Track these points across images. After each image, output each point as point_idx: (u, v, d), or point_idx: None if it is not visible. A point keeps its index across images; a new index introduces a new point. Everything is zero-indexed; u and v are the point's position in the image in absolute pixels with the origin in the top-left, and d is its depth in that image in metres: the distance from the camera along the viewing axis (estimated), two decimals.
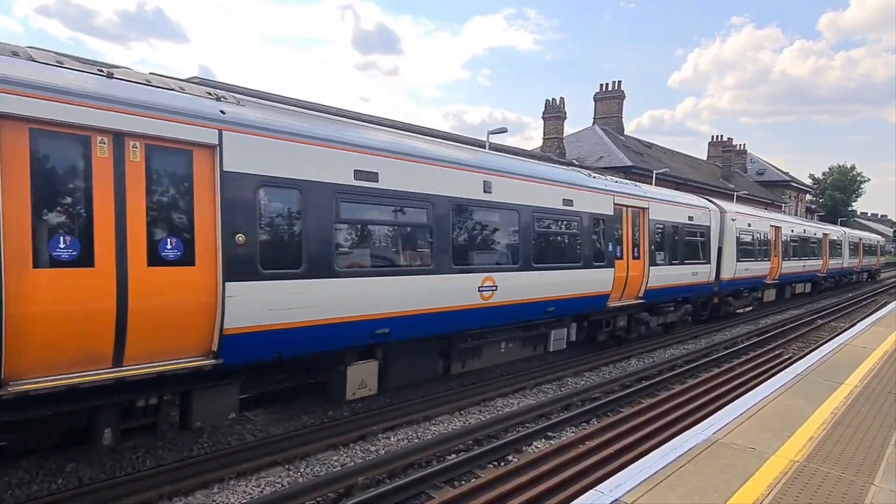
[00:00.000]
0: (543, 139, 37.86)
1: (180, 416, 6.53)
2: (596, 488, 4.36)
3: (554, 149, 36.07)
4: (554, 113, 37.12)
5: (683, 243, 15.44)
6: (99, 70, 5.88)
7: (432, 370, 9.58)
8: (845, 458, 5.16)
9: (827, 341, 13.21)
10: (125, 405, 6.07)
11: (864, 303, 28.50)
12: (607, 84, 45.61)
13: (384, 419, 8.39)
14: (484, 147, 19.17)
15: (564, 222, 11.31)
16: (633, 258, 13.37)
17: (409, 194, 8.25)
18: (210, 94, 6.70)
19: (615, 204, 12.70)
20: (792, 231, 24.68)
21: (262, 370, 7.68)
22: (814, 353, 10.27)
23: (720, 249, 17.52)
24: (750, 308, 21.45)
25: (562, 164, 23.43)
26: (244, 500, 6.02)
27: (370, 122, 14.11)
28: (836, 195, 75.38)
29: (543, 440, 8.17)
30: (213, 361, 6.12)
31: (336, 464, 7.06)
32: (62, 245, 5.21)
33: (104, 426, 5.88)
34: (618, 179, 14.99)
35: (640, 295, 13.77)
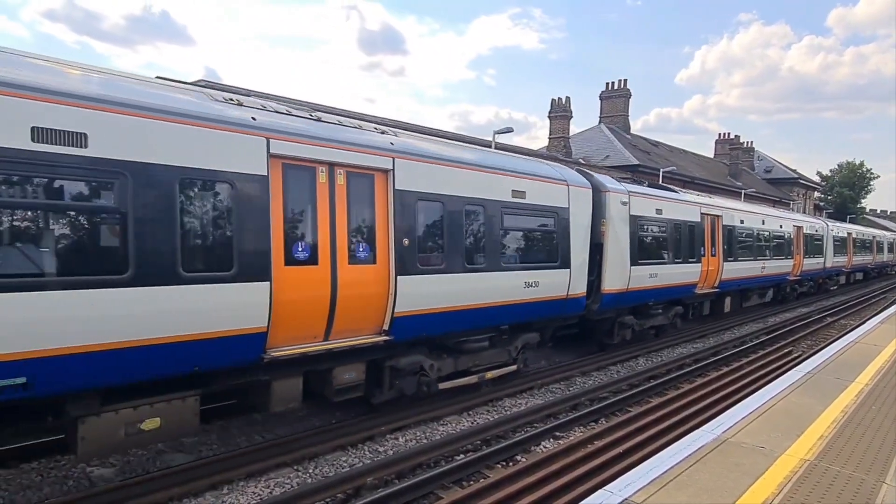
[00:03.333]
0: (549, 138, 37.80)
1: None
2: (605, 488, 4.36)
3: (560, 148, 36.00)
4: (560, 112, 37.06)
5: (813, 245, 26.58)
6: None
7: (739, 305, 20.49)
8: (856, 457, 5.13)
9: (836, 339, 13.13)
10: None
11: (874, 300, 28.29)
12: (613, 83, 45.51)
13: (392, 420, 8.39)
14: (490, 146, 19.26)
15: (780, 237, 22.31)
16: (797, 254, 24.42)
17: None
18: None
19: (793, 226, 24.12)
20: (857, 236, 35.96)
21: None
22: (823, 351, 10.23)
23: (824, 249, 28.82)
24: (835, 287, 32.39)
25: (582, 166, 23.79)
26: (254, 501, 6.05)
27: (377, 123, 14.15)
28: (844, 192, 74.72)
29: (552, 440, 8.15)
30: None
31: (345, 464, 7.07)
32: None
33: None
34: (785, 210, 27.68)
35: (798, 274, 24.67)
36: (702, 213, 16.06)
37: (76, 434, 5.53)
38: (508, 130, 23.24)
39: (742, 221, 18.87)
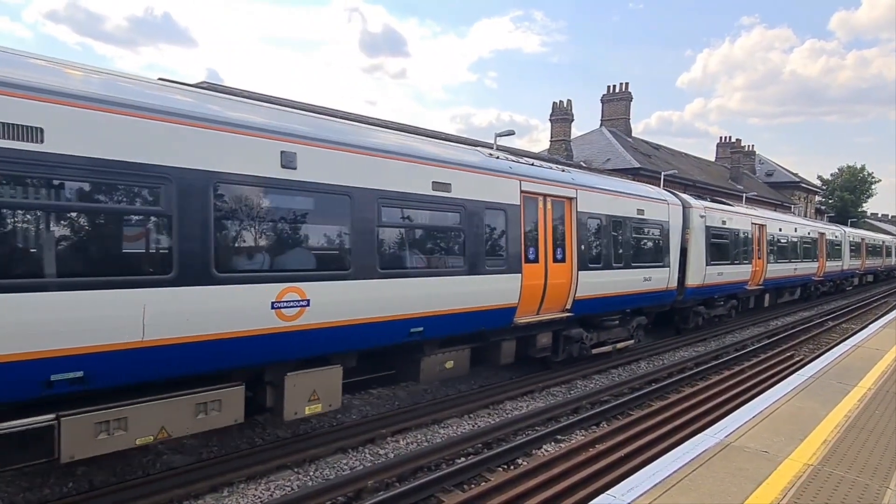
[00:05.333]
0: (551, 141, 37.82)
1: None
2: (608, 492, 4.33)
3: (562, 151, 36.02)
4: (561, 115, 37.08)
5: (833, 249, 29.30)
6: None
7: (775, 300, 23.04)
8: (860, 462, 5.11)
9: (839, 343, 13.09)
10: None
11: (875, 304, 28.24)
12: (614, 86, 45.50)
13: (393, 422, 8.37)
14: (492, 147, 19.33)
15: (808, 243, 25.15)
16: (821, 257, 27.07)
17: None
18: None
19: (818, 233, 26.99)
20: (869, 241, 39.75)
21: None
22: (826, 355, 10.19)
23: (840, 251, 31.71)
24: (850, 287, 35.49)
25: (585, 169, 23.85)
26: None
27: (377, 125, 14.31)
28: (845, 196, 74.70)
29: (553, 443, 8.13)
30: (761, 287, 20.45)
31: (345, 467, 7.05)
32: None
33: None
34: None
35: (821, 275, 27.63)
36: (752, 223, 19.17)
37: (419, 367, 8.52)
38: (510, 133, 23.28)
39: (780, 229, 22.02)
